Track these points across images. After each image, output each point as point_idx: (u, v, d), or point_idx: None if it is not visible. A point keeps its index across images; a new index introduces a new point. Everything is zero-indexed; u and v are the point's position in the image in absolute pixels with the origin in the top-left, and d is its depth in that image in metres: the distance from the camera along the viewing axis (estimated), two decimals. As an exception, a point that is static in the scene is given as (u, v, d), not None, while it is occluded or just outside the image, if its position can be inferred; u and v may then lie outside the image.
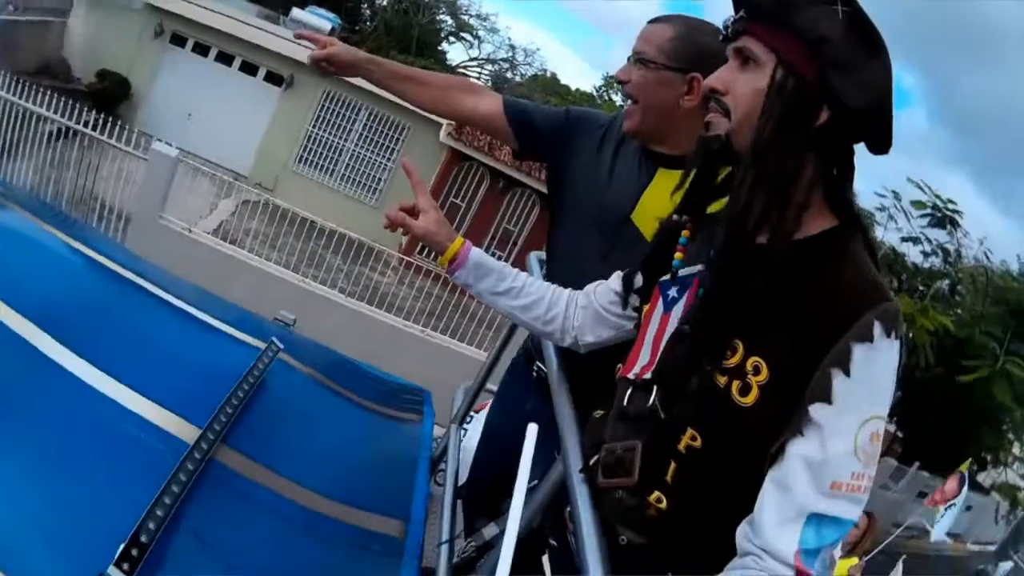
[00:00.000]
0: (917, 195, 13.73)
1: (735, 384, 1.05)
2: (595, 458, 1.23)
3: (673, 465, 1.11)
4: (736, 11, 1.11)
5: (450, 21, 27.94)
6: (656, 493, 1.13)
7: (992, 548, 17.47)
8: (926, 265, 13.98)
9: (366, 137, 14.79)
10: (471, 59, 28.18)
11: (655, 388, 1.16)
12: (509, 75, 27.59)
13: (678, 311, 1.20)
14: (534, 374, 1.90)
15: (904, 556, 6.91)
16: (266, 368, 1.62)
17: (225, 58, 14.49)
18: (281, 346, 1.71)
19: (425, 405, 2.17)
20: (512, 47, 28.03)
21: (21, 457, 1.17)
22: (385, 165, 14.76)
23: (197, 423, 1.37)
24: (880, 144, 1.10)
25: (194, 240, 7.93)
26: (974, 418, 12.65)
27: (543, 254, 1.95)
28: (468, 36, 28.14)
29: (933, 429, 5.03)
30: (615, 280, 1.43)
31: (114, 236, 7.73)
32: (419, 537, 1.60)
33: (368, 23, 25.80)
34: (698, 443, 1.09)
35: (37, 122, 8.01)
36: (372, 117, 14.57)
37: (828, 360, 0.98)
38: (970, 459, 5.41)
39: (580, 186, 1.81)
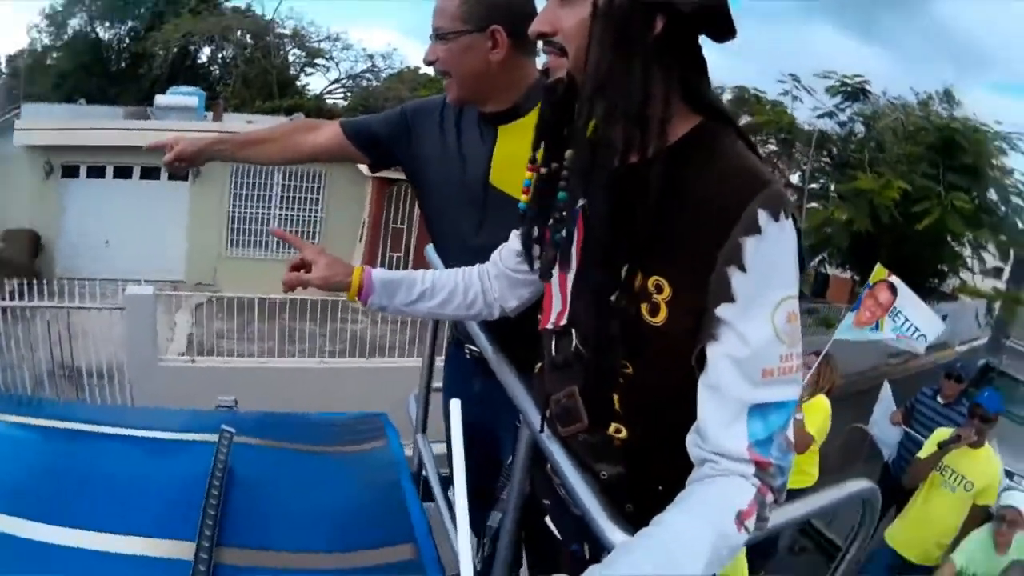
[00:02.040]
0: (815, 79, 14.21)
1: (644, 307, 1.05)
2: (547, 412, 1.25)
3: (616, 396, 1.13)
4: None
5: (301, 53, 27.56)
6: (613, 425, 1.15)
7: (982, 342, 17.99)
8: (843, 133, 14.49)
9: (288, 197, 14.61)
10: (332, 82, 27.83)
11: (574, 331, 1.19)
12: (370, 83, 27.12)
13: (573, 251, 1.19)
14: (468, 356, 1.94)
15: (886, 379, 7.04)
16: (227, 456, 1.64)
17: (123, 172, 14.06)
18: (232, 430, 1.73)
19: (386, 428, 2.19)
20: (370, 56, 27.65)
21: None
22: (314, 218, 14.64)
23: (188, 537, 1.39)
24: (723, 32, 1.06)
25: (199, 368, 7.73)
26: (926, 246, 13.16)
27: None
28: (322, 61, 27.78)
29: (887, 264, 5.14)
30: (514, 240, 1.43)
31: (113, 400, 7.34)
32: (432, 552, 1.63)
33: (223, 83, 25.49)
34: (630, 370, 1.10)
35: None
36: (287, 176, 14.39)
37: (722, 259, 0.97)
38: (879, 264, 5.27)
39: (436, 171, 1.86)
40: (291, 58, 27.50)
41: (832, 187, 14.39)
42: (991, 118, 13.83)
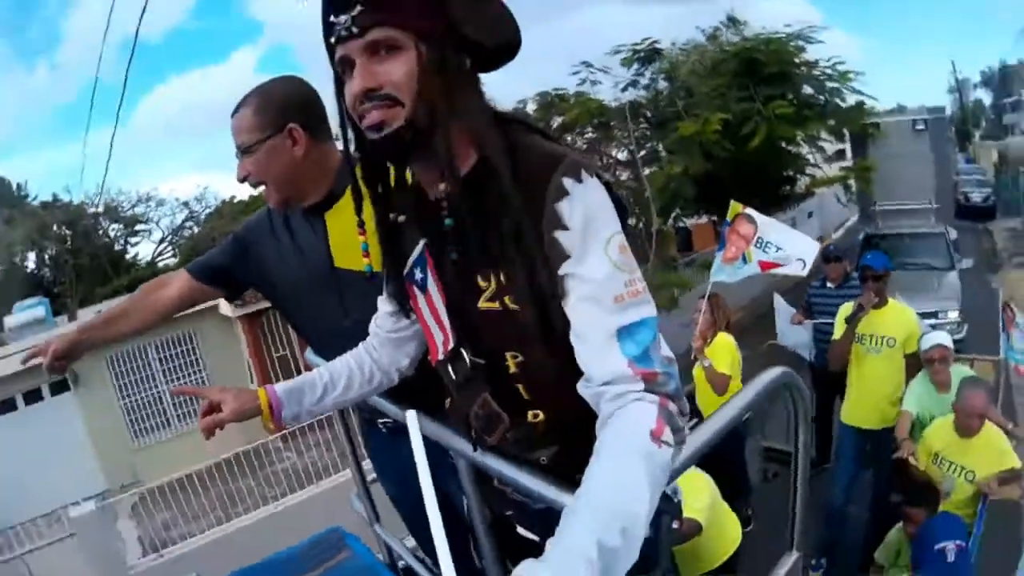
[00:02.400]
0: (607, 58, 14.76)
1: (505, 300, 1.17)
2: (471, 431, 1.33)
3: (520, 385, 1.25)
4: (348, 9, 1.09)
5: (120, 225, 27.02)
6: (530, 412, 1.26)
7: (855, 220, 19.23)
8: (651, 95, 15.05)
9: (168, 368, 14.02)
10: (160, 242, 27.51)
11: (463, 350, 1.29)
12: (192, 230, 26.75)
13: (432, 284, 1.30)
14: (384, 429, 1.99)
15: (776, 293, 7.36)
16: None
17: (7, 405, 13.18)
18: (213, 603, 1.73)
19: (347, 538, 2.20)
20: (185, 204, 27.55)
21: None
22: (200, 378, 14.08)
23: None
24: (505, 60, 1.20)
25: (168, 561, 7.57)
26: (765, 161, 13.86)
27: None
28: (143, 226, 27.42)
29: (740, 192, 5.39)
30: (383, 304, 1.50)
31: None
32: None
33: (59, 282, 24.74)
34: (521, 358, 1.23)
35: None
36: (160, 348, 13.87)
37: (546, 229, 1.08)
38: (733, 200, 5.54)
39: (285, 277, 1.92)
40: (113, 233, 26.98)
41: (660, 147, 14.89)
42: (779, 23, 14.69)
